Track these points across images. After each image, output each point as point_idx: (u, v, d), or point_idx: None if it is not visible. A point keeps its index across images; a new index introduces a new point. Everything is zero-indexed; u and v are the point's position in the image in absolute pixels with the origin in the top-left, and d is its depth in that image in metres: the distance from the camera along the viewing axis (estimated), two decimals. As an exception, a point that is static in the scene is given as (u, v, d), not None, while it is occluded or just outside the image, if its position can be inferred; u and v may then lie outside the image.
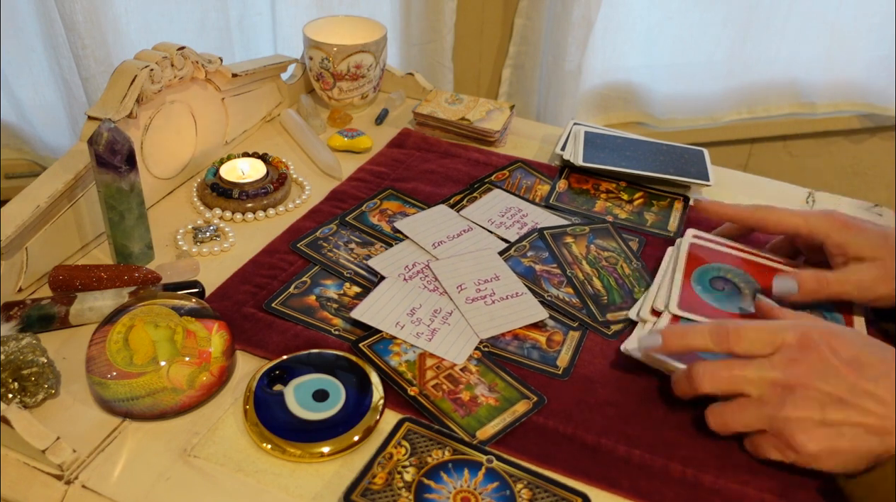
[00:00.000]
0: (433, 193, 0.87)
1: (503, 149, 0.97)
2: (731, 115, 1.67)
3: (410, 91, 1.08)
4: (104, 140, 0.68)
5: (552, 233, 0.80)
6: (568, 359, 0.67)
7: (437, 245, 0.78)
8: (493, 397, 0.62)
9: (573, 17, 1.40)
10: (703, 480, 0.57)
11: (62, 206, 0.72)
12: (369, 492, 0.54)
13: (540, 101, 1.55)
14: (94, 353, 0.60)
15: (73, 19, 1.15)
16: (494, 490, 0.55)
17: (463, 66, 1.54)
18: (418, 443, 0.57)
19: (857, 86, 1.67)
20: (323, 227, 0.80)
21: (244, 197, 0.82)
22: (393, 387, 0.63)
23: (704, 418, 0.59)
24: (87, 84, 1.22)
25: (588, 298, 0.73)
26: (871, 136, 1.79)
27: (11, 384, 0.58)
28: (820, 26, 1.57)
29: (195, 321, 0.62)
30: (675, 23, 1.53)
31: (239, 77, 0.90)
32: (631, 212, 0.86)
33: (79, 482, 0.55)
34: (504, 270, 0.75)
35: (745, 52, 1.58)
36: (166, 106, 0.81)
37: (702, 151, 0.93)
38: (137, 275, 0.71)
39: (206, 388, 0.60)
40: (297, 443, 0.57)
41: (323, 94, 1.02)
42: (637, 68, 1.57)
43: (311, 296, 0.71)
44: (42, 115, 1.32)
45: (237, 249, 0.78)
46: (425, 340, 0.67)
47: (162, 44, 0.80)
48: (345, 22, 1.04)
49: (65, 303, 0.67)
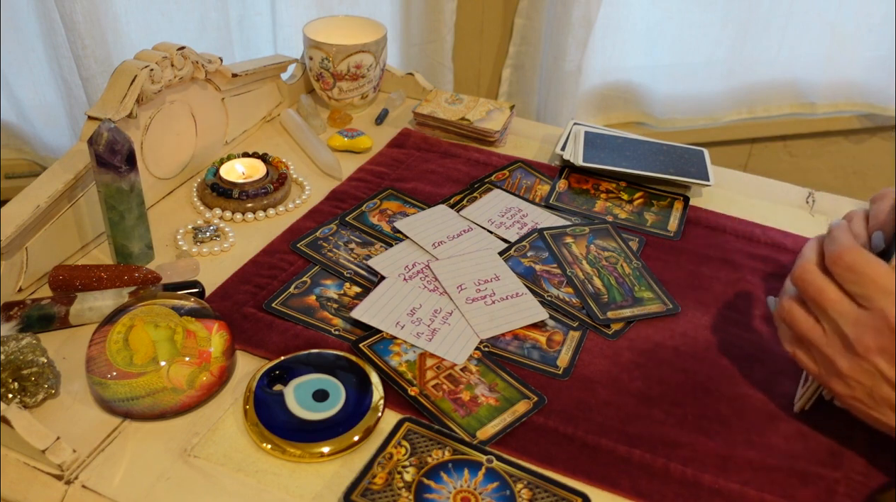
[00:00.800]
0: (433, 193, 0.87)
1: (503, 149, 0.97)
2: (731, 115, 1.67)
3: (410, 91, 1.08)
4: (104, 140, 0.68)
5: (552, 234, 0.80)
6: (568, 359, 0.67)
7: (437, 245, 0.78)
8: (493, 397, 0.62)
9: (573, 17, 1.40)
10: (704, 480, 0.57)
11: (62, 206, 0.72)
12: (369, 492, 0.54)
13: (540, 101, 1.55)
14: (94, 353, 0.60)
15: (73, 19, 1.15)
16: (494, 490, 0.55)
17: (463, 66, 1.54)
18: (418, 443, 0.57)
19: (857, 86, 1.67)
20: (323, 227, 0.80)
21: (244, 197, 0.82)
22: (393, 388, 0.63)
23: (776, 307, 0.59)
24: (87, 84, 1.22)
25: (588, 297, 0.73)
26: (871, 136, 1.79)
27: (11, 384, 0.58)
28: (820, 26, 1.57)
29: (195, 321, 0.62)
30: (675, 23, 1.52)
31: (239, 77, 0.90)
32: (631, 212, 0.86)
33: (79, 482, 0.55)
34: (504, 270, 0.75)
35: (745, 52, 1.58)
36: (166, 106, 0.81)
37: (702, 151, 0.93)
38: (137, 275, 0.71)
39: (206, 388, 0.60)
40: (297, 443, 0.57)
41: (323, 94, 1.02)
42: (637, 68, 1.57)
43: (311, 296, 0.71)
44: (42, 115, 1.32)
45: (237, 249, 0.78)
46: (425, 340, 0.67)
47: (162, 44, 0.80)
48: (345, 22, 1.04)
49: (65, 303, 0.67)
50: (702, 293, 0.75)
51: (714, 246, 0.82)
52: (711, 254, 0.80)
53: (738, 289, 0.76)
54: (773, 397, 0.65)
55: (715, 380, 0.66)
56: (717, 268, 0.78)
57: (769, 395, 0.65)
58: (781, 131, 1.72)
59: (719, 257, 0.80)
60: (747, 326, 0.72)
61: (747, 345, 0.70)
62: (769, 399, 0.64)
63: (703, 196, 0.90)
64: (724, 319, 0.72)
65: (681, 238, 0.83)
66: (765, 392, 0.65)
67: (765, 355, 0.69)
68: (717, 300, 0.75)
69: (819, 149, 1.79)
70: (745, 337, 0.70)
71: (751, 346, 0.69)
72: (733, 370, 0.67)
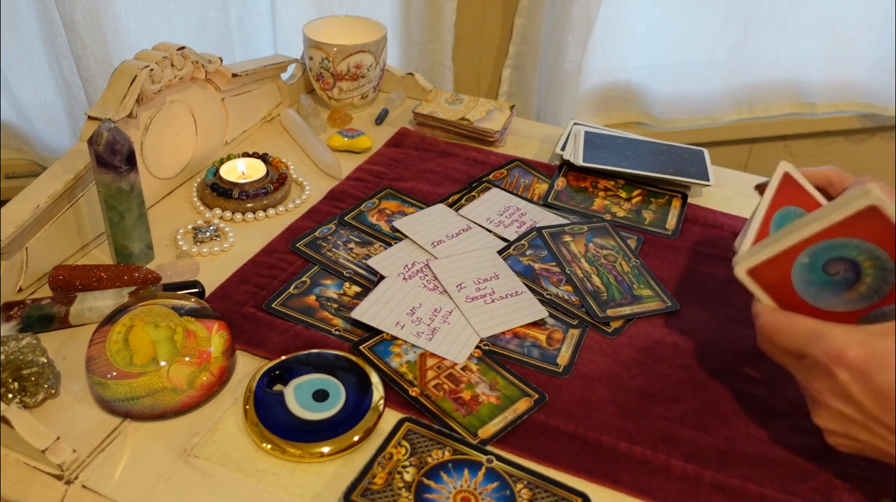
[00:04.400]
0: (431, 192, 0.87)
1: (503, 149, 0.97)
2: (731, 115, 1.67)
3: (410, 91, 1.08)
4: (104, 140, 0.68)
5: (551, 232, 0.80)
6: (568, 356, 0.67)
7: (436, 244, 0.78)
8: (494, 396, 0.62)
9: (573, 17, 1.40)
10: (704, 476, 0.58)
11: (62, 206, 0.72)
12: (369, 492, 0.54)
13: (540, 101, 1.55)
14: (94, 353, 0.60)
15: (73, 19, 1.15)
16: (494, 490, 0.55)
17: (463, 66, 1.54)
18: (418, 443, 0.57)
19: (857, 86, 1.67)
20: (322, 227, 0.80)
21: (244, 197, 0.82)
22: (394, 388, 0.63)
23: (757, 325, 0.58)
24: (87, 84, 1.22)
25: (587, 295, 0.73)
26: (871, 136, 1.79)
27: (11, 384, 0.58)
28: (820, 26, 1.57)
29: (195, 321, 0.62)
30: (675, 23, 1.53)
31: (239, 77, 0.90)
32: (629, 211, 0.86)
33: (79, 482, 0.55)
34: (503, 269, 0.75)
35: (745, 52, 1.58)
36: (166, 106, 0.81)
37: (702, 151, 0.93)
38: (137, 275, 0.71)
39: (206, 388, 0.60)
40: (297, 443, 0.57)
41: (323, 94, 1.02)
42: (637, 68, 1.57)
43: (310, 296, 0.71)
44: (42, 115, 1.32)
45: (237, 249, 0.78)
46: (426, 340, 0.67)
47: (162, 44, 0.80)
48: (345, 22, 1.04)
49: (65, 303, 0.67)
50: (700, 290, 0.75)
51: (712, 243, 0.82)
52: (709, 252, 0.81)
53: (736, 286, 0.76)
54: (772, 392, 0.65)
55: (714, 377, 0.66)
56: (715, 265, 0.79)
57: (768, 391, 0.65)
58: (781, 131, 1.72)
59: (717, 255, 0.80)
60: (746, 323, 0.72)
61: (746, 342, 0.70)
62: (768, 394, 0.65)
63: (702, 196, 0.90)
64: (723, 316, 0.73)
65: (679, 236, 0.83)
66: (764, 387, 0.65)
67: (763, 351, 0.69)
68: (716, 297, 0.75)
69: (819, 149, 1.79)
70: (743, 333, 0.71)
71: (749, 342, 0.69)
72: (732, 366, 0.67)
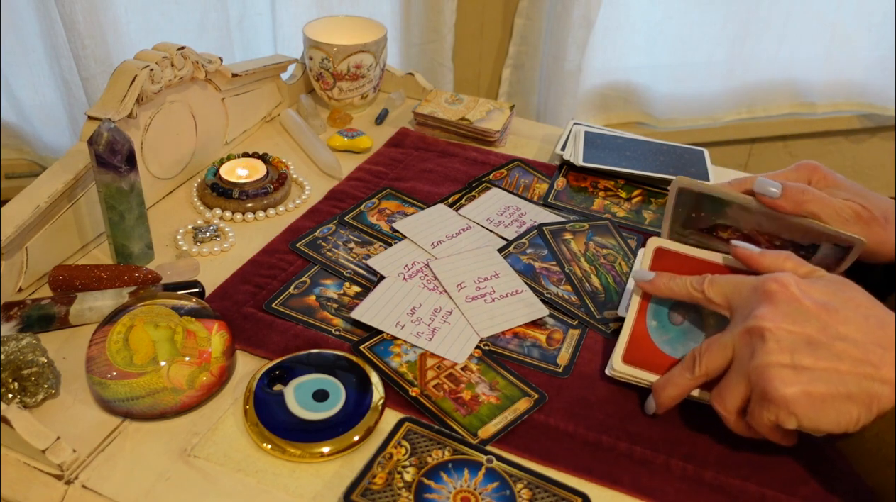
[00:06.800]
0: (431, 192, 0.87)
1: (503, 149, 0.97)
2: (731, 115, 1.67)
3: (410, 91, 1.08)
4: (104, 140, 0.68)
5: (551, 230, 0.80)
6: (568, 356, 0.67)
7: (436, 244, 0.78)
8: (494, 395, 0.62)
9: (573, 17, 1.40)
10: (705, 476, 0.57)
11: (62, 206, 0.72)
12: (369, 492, 0.54)
13: (540, 101, 1.55)
14: (94, 353, 0.60)
15: (73, 19, 1.15)
16: (494, 490, 0.55)
17: (463, 66, 1.54)
18: (418, 443, 0.57)
19: (857, 86, 1.67)
20: (322, 227, 0.80)
21: (244, 197, 0.82)
22: (394, 388, 0.63)
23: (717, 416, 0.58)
24: (87, 84, 1.22)
25: (586, 295, 0.73)
26: (871, 136, 1.80)
27: (11, 384, 0.58)
28: (820, 26, 1.58)
29: (195, 321, 0.62)
30: (675, 23, 1.53)
31: (239, 77, 0.90)
32: (629, 211, 0.86)
33: (79, 482, 0.55)
34: (504, 268, 0.75)
35: (745, 52, 1.58)
36: (166, 106, 0.81)
37: (702, 151, 0.93)
38: (137, 275, 0.71)
39: (206, 388, 0.60)
40: (297, 443, 0.57)
41: (323, 94, 1.02)
42: (637, 68, 1.57)
43: (310, 296, 0.71)
44: (42, 115, 1.33)
45: (237, 249, 0.78)
46: (426, 339, 0.67)
47: (162, 44, 0.80)
48: (345, 22, 1.04)
49: (65, 303, 0.67)
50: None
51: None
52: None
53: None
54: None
55: (715, 378, 0.66)
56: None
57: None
58: (781, 131, 1.73)
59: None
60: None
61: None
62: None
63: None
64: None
65: (680, 237, 0.83)
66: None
67: None
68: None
69: (819, 149, 1.80)
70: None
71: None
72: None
